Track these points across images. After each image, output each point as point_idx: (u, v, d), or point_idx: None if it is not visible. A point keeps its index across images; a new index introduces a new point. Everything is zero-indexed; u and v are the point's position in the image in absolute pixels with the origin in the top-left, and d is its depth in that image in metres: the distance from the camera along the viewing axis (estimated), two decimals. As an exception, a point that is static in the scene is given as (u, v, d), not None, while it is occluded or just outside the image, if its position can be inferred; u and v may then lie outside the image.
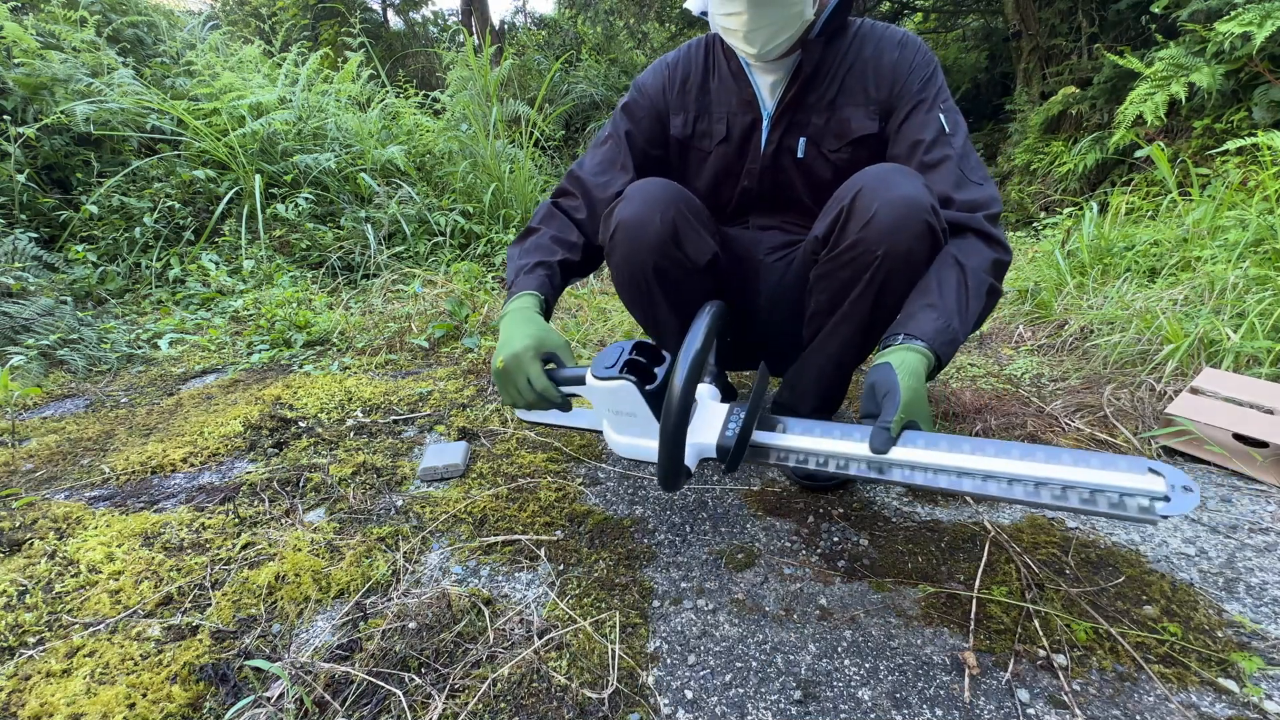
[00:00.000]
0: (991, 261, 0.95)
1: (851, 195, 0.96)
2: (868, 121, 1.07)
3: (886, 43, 1.07)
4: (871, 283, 0.96)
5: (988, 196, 0.99)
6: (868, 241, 0.94)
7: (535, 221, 1.17)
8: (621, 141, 1.18)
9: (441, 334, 2.13)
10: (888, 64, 1.06)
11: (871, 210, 0.92)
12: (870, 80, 1.06)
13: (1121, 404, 1.46)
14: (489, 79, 3.64)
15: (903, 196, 0.91)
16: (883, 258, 0.93)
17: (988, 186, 1.01)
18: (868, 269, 0.95)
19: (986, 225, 0.97)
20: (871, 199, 0.93)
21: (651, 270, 1.05)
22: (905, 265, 0.93)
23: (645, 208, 1.03)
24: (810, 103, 1.09)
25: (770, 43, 0.99)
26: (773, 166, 1.14)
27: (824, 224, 1.01)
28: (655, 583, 0.91)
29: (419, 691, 0.72)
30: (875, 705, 0.71)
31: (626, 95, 1.23)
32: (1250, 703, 0.69)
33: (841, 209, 0.97)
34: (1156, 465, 0.64)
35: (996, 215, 0.99)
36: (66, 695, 0.70)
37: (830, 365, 1.08)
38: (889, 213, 0.91)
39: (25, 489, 1.18)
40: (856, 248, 0.95)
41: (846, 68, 1.07)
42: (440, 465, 1.21)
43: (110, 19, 3.36)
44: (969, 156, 1.03)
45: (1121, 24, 4.67)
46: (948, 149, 1.02)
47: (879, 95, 1.06)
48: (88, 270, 2.45)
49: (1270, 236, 1.79)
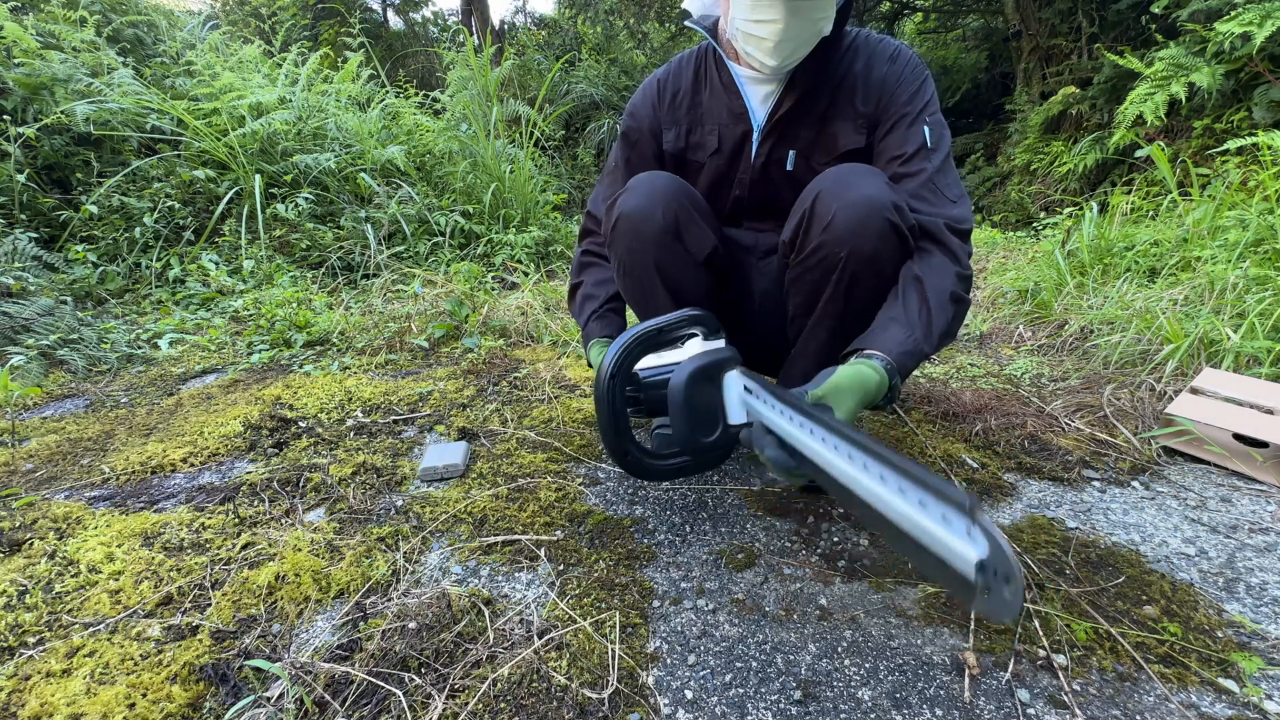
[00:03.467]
0: (955, 275, 0.95)
1: (812, 198, 0.97)
2: (855, 136, 1.07)
3: (878, 57, 1.07)
4: (839, 284, 0.97)
5: (958, 214, 0.99)
6: (830, 245, 0.95)
7: (575, 277, 1.30)
8: (622, 170, 1.23)
9: (441, 334, 2.13)
10: (876, 79, 1.06)
11: (831, 213, 0.93)
12: (859, 95, 1.06)
13: (1121, 404, 1.46)
14: (489, 79, 3.64)
15: (862, 197, 0.92)
16: (846, 259, 0.94)
17: (960, 205, 1.00)
18: (834, 270, 0.96)
19: (950, 237, 0.97)
20: (830, 202, 0.94)
21: (652, 262, 1.06)
22: (871, 264, 0.94)
23: (647, 200, 1.04)
24: (801, 116, 1.09)
25: (793, 55, 0.99)
26: (762, 178, 1.15)
27: (789, 228, 1.02)
28: (655, 583, 0.91)
29: (419, 691, 0.72)
30: (875, 705, 0.71)
31: (623, 122, 1.26)
32: (1250, 703, 0.69)
33: (803, 213, 0.98)
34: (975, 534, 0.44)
35: (964, 233, 0.99)
36: (66, 695, 0.70)
37: (814, 367, 1.08)
38: (848, 214, 0.92)
39: (25, 489, 1.18)
40: (820, 251, 0.96)
41: (838, 82, 1.07)
42: (440, 465, 1.21)
43: (110, 19, 3.36)
44: (947, 173, 1.02)
45: (1121, 24, 4.67)
46: (925, 163, 1.02)
47: (867, 109, 1.06)
48: (88, 270, 2.45)
49: (1270, 236, 1.79)
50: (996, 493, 1.14)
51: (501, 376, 1.79)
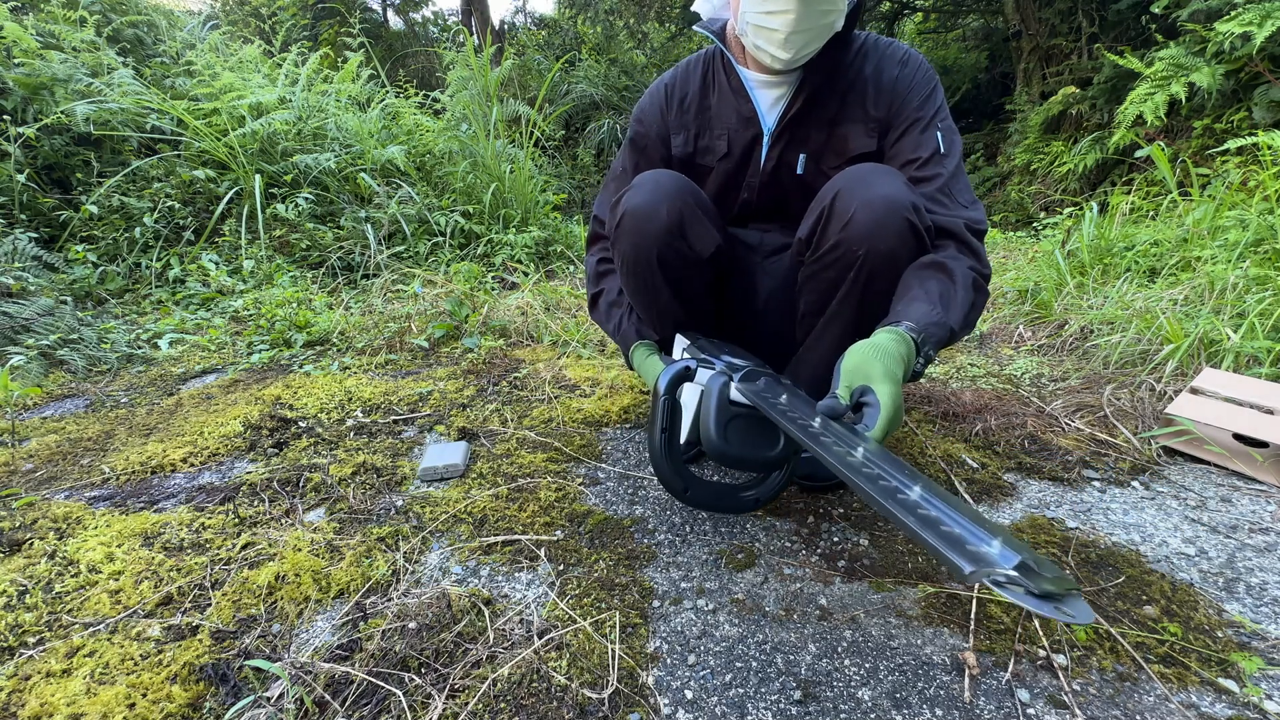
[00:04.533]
0: (970, 267, 0.94)
1: (831, 196, 0.97)
2: (866, 139, 1.07)
3: (888, 60, 1.07)
4: (856, 282, 0.97)
5: (975, 216, 1.00)
6: (849, 242, 0.94)
7: (594, 286, 1.29)
8: (630, 175, 1.22)
9: (441, 334, 2.13)
10: (888, 82, 1.05)
11: (850, 211, 0.93)
12: (870, 98, 1.06)
13: (1121, 404, 1.46)
14: (489, 79, 3.64)
15: (882, 196, 0.92)
16: (864, 258, 0.94)
17: (975, 209, 1.01)
18: (851, 269, 0.96)
19: (968, 235, 0.97)
20: (850, 200, 0.94)
21: (655, 259, 1.06)
22: (888, 264, 0.94)
23: (653, 197, 1.04)
24: (811, 119, 1.09)
25: (805, 49, 0.99)
26: (772, 182, 1.15)
27: (806, 226, 1.02)
28: (655, 583, 0.91)
29: (419, 691, 0.72)
30: (875, 705, 0.71)
31: (630, 128, 1.25)
32: (1250, 703, 0.69)
33: (822, 210, 0.98)
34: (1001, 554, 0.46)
35: (981, 233, 0.99)
36: (66, 695, 0.70)
37: (823, 365, 1.08)
38: (867, 213, 0.92)
39: (25, 489, 1.18)
40: (838, 249, 0.96)
41: (848, 85, 1.07)
42: (440, 465, 1.21)
43: (110, 19, 3.36)
44: (960, 178, 1.03)
45: (1121, 24, 4.67)
46: (939, 168, 1.02)
47: (878, 113, 1.06)
48: (88, 270, 2.45)
49: (1270, 236, 1.79)
50: (996, 493, 1.14)
51: (501, 376, 1.79)
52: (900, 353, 0.78)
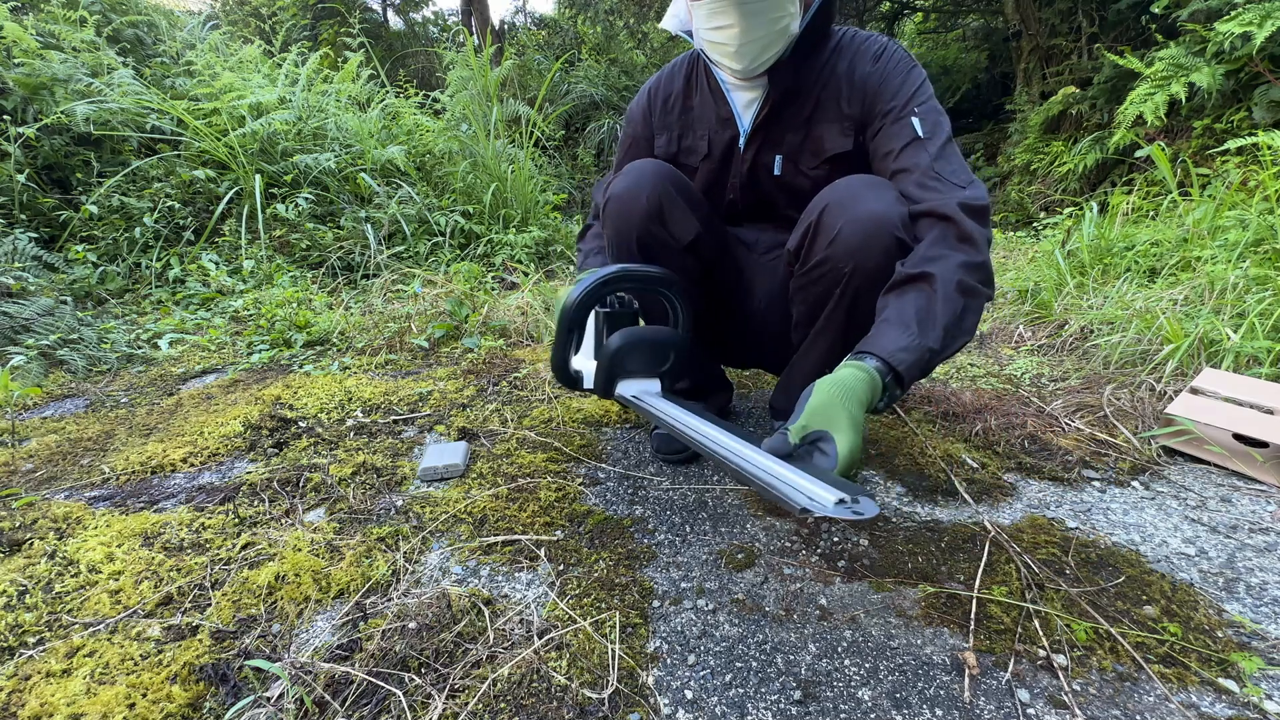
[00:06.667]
0: (960, 264, 0.86)
1: (819, 210, 0.96)
2: (841, 139, 1.05)
3: (861, 56, 1.04)
4: (843, 297, 0.97)
5: (970, 194, 0.92)
6: (835, 259, 0.94)
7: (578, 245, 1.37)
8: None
9: (441, 334, 2.13)
10: (860, 79, 1.03)
11: (837, 227, 0.93)
12: (844, 97, 1.04)
13: (1121, 404, 1.46)
14: (489, 79, 3.64)
15: (869, 212, 0.91)
16: (850, 274, 0.94)
17: (972, 188, 0.93)
18: (838, 285, 0.96)
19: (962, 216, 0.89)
20: (837, 216, 0.93)
21: (636, 242, 1.10)
22: (875, 281, 0.93)
23: (635, 183, 1.08)
24: (785, 120, 1.08)
25: (759, 58, 0.99)
26: (751, 183, 1.15)
27: (795, 238, 1.02)
28: (655, 583, 0.91)
29: (419, 691, 0.72)
30: (875, 705, 0.71)
31: (622, 128, 1.29)
32: (1250, 703, 0.69)
33: (810, 224, 0.98)
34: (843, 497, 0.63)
35: (980, 211, 0.91)
36: (66, 695, 0.70)
37: (815, 373, 1.08)
38: (854, 230, 0.91)
39: (25, 489, 1.18)
40: (825, 264, 0.96)
41: (822, 85, 1.05)
42: (440, 465, 1.21)
43: (110, 19, 3.36)
44: (949, 159, 0.95)
45: (1121, 24, 4.67)
46: (919, 154, 0.96)
47: (851, 111, 1.04)
48: (88, 270, 2.45)
49: (1270, 236, 1.79)
50: (996, 493, 1.14)
51: (501, 376, 1.79)
52: (863, 395, 0.77)
